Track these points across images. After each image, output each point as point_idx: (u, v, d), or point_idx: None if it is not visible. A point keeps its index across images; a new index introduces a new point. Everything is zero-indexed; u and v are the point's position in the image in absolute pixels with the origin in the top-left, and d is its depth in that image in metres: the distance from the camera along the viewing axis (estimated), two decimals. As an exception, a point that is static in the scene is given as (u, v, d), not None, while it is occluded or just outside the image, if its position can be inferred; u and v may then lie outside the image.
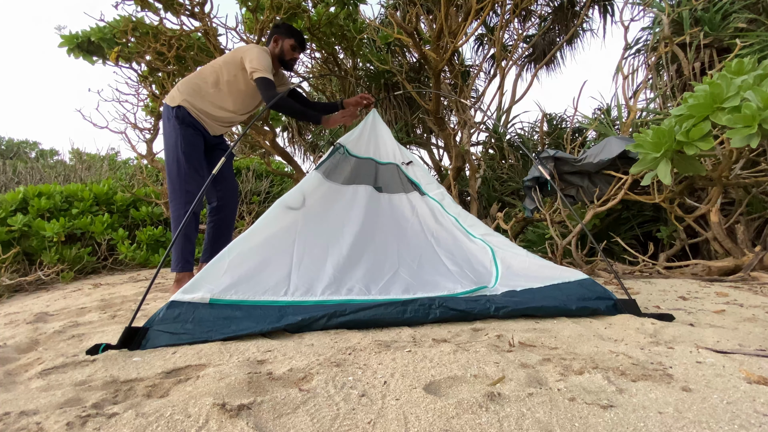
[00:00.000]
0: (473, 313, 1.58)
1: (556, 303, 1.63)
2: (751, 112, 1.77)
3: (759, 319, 1.55)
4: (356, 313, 1.49)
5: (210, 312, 1.44)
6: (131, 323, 1.34)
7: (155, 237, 3.91)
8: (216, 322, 1.41)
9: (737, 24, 3.76)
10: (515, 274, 1.94)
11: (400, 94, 5.58)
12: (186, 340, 1.33)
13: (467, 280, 1.90)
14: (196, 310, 1.43)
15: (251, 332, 1.38)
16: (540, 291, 1.75)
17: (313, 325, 1.45)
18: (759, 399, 0.90)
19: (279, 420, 0.85)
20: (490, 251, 2.10)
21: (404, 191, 2.57)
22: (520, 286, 1.80)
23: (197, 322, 1.40)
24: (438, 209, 2.46)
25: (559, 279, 1.82)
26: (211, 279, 1.55)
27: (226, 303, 1.49)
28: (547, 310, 1.62)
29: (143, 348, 1.31)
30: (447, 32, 3.53)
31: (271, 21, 3.84)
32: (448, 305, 1.58)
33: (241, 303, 1.51)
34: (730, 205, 3.11)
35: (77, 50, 3.73)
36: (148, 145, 4.23)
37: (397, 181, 2.61)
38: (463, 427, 0.81)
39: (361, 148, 2.67)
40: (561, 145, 4.54)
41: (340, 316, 1.48)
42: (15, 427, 0.84)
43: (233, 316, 1.44)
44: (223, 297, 1.50)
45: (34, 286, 3.13)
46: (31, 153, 11.57)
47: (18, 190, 3.74)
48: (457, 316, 1.57)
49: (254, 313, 1.47)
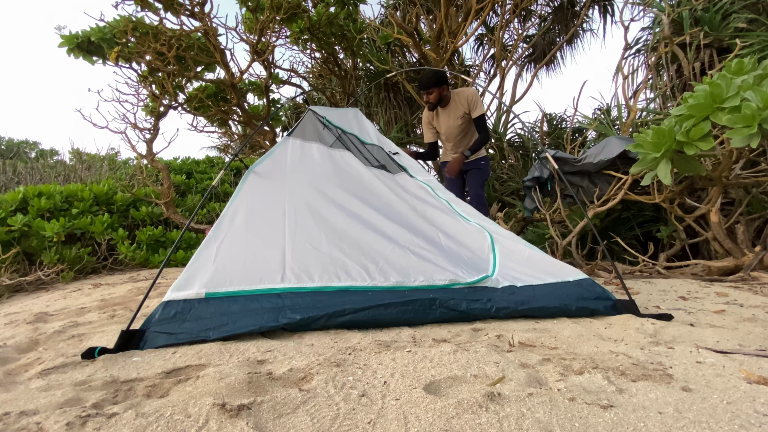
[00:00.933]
0: (473, 314, 1.57)
1: (555, 303, 1.63)
2: (751, 112, 1.77)
3: (759, 319, 1.55)
4: (356, 313, 1.48)
5: (206, 308, 1.42)
6: (129, 327, 1.33)
7: (155, 237, 3.91)
8: (213, 319, 1.40)
9: (737, 24, 3.76)
10: (514, 264, 1.88)
11: (400, 94, 5.57)
12: (184, 340, 1.32)
13: (465, 265, 1.83)
14: (193, 308, 1.41)
15: (250, 330, 1.37)
16: (540, 289, 1.73)
17: (312, 324, 1.44)
18: (759, 399, 0.90)
19: (279, 420, 0.85)
20: (489, 237, 2.02)
21: (391, 172, 2.45)
22: (519, 280, 1.77)
23: (194, 320, 1.38)
24: (429, 191, 2.35)
25: (559, 277, 1.79)
26: (202, 270, 1.51)
27: (222, 296, 1.46)
28: (548, 310, 1.62)
29: (141, 349, 1.30)
30: (447, 32, 3.53)
31: (271, 21, 3.84)
32: (448, 305, 1.57)
33: (238, 294, 1.48)
34: (730, 205, 3.11)
35: (77, 50, 3.73)
36: (148, 145, 4.23)
37: (385, 161, 2.49)
38: (463, 427, 0.81)
39: (345, 124, 2.56)
40: (561, 145, 4.54)
41: (339, 316, 1.46)
42: (15, 427, 0.84)
43: (230, 311, 1.43)
44: (219, 290, 1.47)
45: (34, 286, 3.13)
46: (31, 153, 11.57)
47: (18, 190, 3.74)
48: (457, 317, 1.57)
49: (251, 306, 1.45)
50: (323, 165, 2.24)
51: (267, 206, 1.82)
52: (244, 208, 1.77)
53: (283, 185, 1.95)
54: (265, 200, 1.84)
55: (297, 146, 2.28)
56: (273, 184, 1.93)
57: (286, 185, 1.95)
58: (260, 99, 5.05)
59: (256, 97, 5.08)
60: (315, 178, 2.09)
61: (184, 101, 4.41)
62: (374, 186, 2.25)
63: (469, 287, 1.69)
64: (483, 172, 3.22)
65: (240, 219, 1.72)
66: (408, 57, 5.72)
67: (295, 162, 2.16)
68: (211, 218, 4.47)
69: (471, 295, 1.64)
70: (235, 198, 1.80)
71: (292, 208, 1.83)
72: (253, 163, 2.02)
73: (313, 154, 2.28)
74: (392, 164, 2.48)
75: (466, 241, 2.01)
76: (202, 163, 6.48)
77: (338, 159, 2.34)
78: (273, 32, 4.09)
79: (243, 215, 1.74)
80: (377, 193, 2.19)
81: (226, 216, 1.71)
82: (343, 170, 2.27)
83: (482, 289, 1.70)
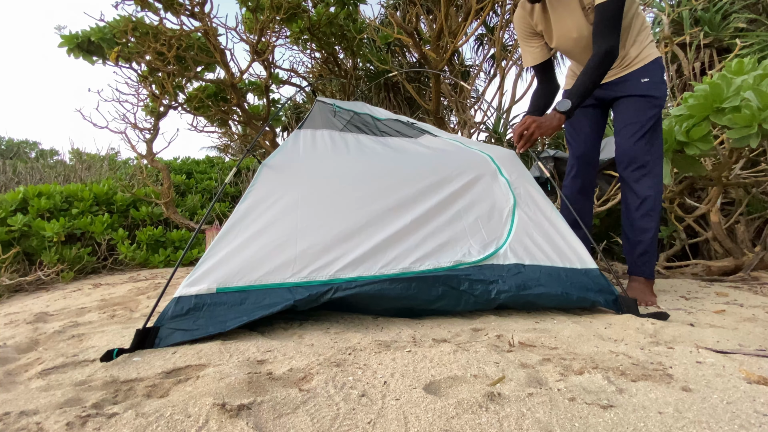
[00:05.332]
0: (474, 294, 1.60)
1: (558, 290, 1.62)
2: (751, 112, 1.77)
3: (759, 319, 1.55)
4: (362, 287, 1.51)
5: (219, 303, 1.42)
6: (145, 325, 1.33)
7: (155, 237, 3.91)
8: (227, 313, 1.40)
9: (737, 24, 3.76)
10: (531, 232, 1.82)
11: (400, 94, 5.57)
12: (200, 335, 1.32)
13: (477, 239, 1.77)
14: (205, 303, 1.41)
15: (263, 315, 1.39)
16: (546, 270, 1.70)
17: (321, 298, 1.47)
18: (759, 399, 0.90)
19: (279, 420, 0.85)
20: (512, 200, 1.91)
21: (413, 137, 2.36)
22: (529, 254, 1.74)
23: (208, 315, 1.38)
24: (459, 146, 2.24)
25: (567, 262, 1.75)
26: (214, 265, 1.51)
27: (233, 290, 1.46)
28: (548, 297, 1.62)
29: (157, 347, 1.30)
30: (447, 32, 3.53)
31: (271, 21, 3.84)
32: (450, 284, 1.59)
33: (249, 288, 1.48)
34: (730, 205, 3.11)
35: (77, 50, 3.73)
36: (148, 145, 4.23)
37: (405, 129, 2.41)
38: (463, 427, 0.81)
39: (356, 108, 2.53)
40: (561, 145, 4.54)
41: (346, 289, 1.50)
42: (15, 427, 0.84)
43: (242, 306, 1.43)
44: (230, 284, 1.47)
45: (34, 286, 3.13)
46: (31, 153, 11.57)
47: (18, 190, 3.74)
48: (458, 295, 1.60)
49: (263, 301, 1.45)
50: (336, 150, 2.19)
51: (279, 200, 1.79)
52: (257, 203, 1.76)
53: (296, 177, 1.91)
54: (277, 193, 1.81)
55: (308, 136, 2.25)
56: (286, 177, 1.91)
57: (299, 177, 1.92)
58: (260, 99, 5.06)
59: (256, 97, 5.08)
60: (328, 166, 2.05)
61: (184, 101, 4.41)
62: (390, 160, 2.16)
63: (474, 266, 1.68)
64: (649, 102, 1.82)
65: (252, 214, 1.71)
66: (408, 57, 5.72)
67: (308, 152, 2.13)
68: (210, 218, 4.47)
69: (475, 274, 1.64)
70: (249, 194, 1.78)
71: (305, 200, 1.81)
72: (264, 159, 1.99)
73: (325, 141, 2.24)
74: (412, 131, 2.42)
75: (489, 208, 1.90)
76: (202, 163, 6.48)
77: (351, 141, 2.28)
78: (273, 32, 4.09)
79: (255, 210, 1.73)
80: (392, 169, 2.07)
81: (239, 212, 1.70)
82: (357, 152, 2.21)
83: (488, 267, 1.68)
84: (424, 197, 1.90)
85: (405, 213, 1.83)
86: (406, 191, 1.90)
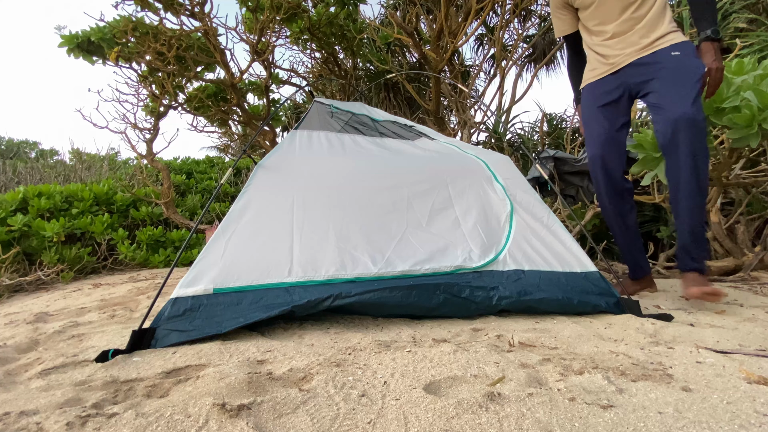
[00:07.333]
0: (476, 302, 1.59)
1: (558, 295, 1.62)
2: (751, 112, 1.77)
3: (759, 319, 1.55)
4: (362, 295, 1.49)
5: (216, 303, 1.42)
6: (141, 326, 1.33)
7: (155, 237, 3.91)
8: (224, 314, 1.39)
9: (737, 24, 3.76)
10: (529, 237, 1.82)
11: (400, 94, 5.57)
12: (196, 336, 1.32)
13: (477, 243, 1.77)
14: (202, 304, 1.41)
15: (260, 319, 1.37)
16: (546, 276, 1.70)
17: (320, 305, 1.45)
18: (759, 399, 0.90)
19: (279, 420, 0.85)
20: (509, 206, 1.93)
21: (410, 139, 2.38)
22: (528, 259, 1.74)
23: (205, 316, 1.38)
24: (455, 150, 2.26)
25: (566, 267, 1.75)
26: (210, 266, 1.51)
27: (230, 291, 1.46)
28: (549, 302, 1.62)
29: (154, 348, 1.29)
30: (447, 32, 3.53)
31: (271, 21, 3.84)
32: (451, 291, 1.58)
33: (246, 289, 1.48)
34: (730, 205, 3.11)
35: (77, 50, 3.73)
36: (148, 145, 4.23)
37: (402, 132, 2.43)
38: (463, 427, 0.81)
39: (354, 109, 2.54)
40: (561, 145, 4.54)
41: (345, 297, 1.48)
42: (15, 427, 0.84)
43: (239, 307, 1.42)
44: (227, 285, 1.47)
45: (34, 286, 3.13)
46: (31, 153, 11.58)
47: (18, 190, 3.74)
48: (460, 303, 1.59)
49: (260, 301, 1.45)
50: (332, 151, 2.19)
51: (275, 200, 1.79)
52: (252, 203, 1.75)
53: (291, 177, 1.91)
54: (273, 194, 1.81)
55: (305, 137, 2.25)
56: (281, 178, 1.90)
57: (294, 177, 1.92)
58: (260, 99, 5.06)
59: (256, 97, 5.08)
60: (324, 166, 2.05)
61: (184, 101, 4.41)
62: (387, 161, 2.18)
63: (473, 272, 1.68)
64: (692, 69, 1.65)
65: (248, 214, 1.71)
66: (408, 57, 5.72)
67: (304, 153, 2.13)
68: (210, 218, 4.47)
69: (476, 281, 1.64)
70: (244, 194, 1.78)
71: (301, 200, 1.81)
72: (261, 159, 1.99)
73: (321, 142, 2.24)
74: (409, 133, 2.43)
75: (487, 212, 1.92)
76: (202, 163, 6.47)
77: (348, 142, 2.29)
78: (273, 32, 4.09)
79: (251, 210, 1.73)
80: (389, 170, 2.09)
81: (234, 212, 1.70)
82: (353, 153, 2.22)
83: (488, 273, 1.68)
84: (421, 200, 1.91)
85: (403, 215, 1.84)
86: (404, 192, 1.91)
